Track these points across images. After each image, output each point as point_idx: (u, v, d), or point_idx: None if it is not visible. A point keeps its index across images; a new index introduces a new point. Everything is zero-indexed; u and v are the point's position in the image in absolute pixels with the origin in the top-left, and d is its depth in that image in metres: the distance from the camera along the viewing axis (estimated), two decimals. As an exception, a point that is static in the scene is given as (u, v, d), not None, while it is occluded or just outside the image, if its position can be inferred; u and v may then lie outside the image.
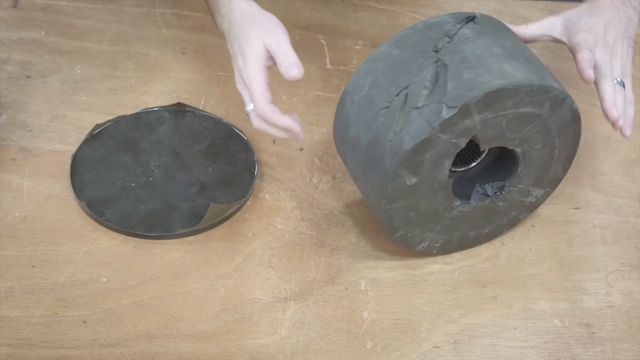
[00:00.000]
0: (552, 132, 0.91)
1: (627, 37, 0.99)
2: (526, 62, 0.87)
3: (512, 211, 0.97)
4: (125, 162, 1.03)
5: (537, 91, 0.86)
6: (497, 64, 0.86)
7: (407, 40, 0.90)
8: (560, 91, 0.87)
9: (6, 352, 0.87)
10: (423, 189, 0.90)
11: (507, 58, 0.87)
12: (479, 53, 0.86)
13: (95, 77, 1.15)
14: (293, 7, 1.26)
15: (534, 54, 0.91)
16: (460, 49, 0.87)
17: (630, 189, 1.06)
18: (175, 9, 1.25)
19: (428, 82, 0.86)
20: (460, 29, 0.89)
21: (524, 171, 0.93)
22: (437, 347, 0.90)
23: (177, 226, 0.98)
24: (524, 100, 0.86)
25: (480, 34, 0.89)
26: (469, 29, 0.89)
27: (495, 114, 0.86)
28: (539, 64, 0.90)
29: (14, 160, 1.04)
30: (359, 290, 0.95)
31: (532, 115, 0.88)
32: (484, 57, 0.86)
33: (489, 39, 0.88)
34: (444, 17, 0.91)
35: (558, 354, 0.90)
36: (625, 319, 0.93)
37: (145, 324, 0.90)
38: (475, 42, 0.88)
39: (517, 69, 0.86)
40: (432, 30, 0.90)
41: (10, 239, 0.96)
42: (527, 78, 0.85)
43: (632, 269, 0.98)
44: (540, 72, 0.88)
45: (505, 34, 0.91)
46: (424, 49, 0.88)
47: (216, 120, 1.09)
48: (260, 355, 0.89)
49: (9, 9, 1.23)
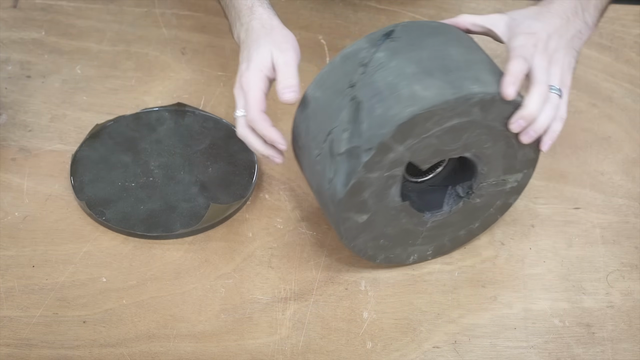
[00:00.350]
0: (495, 128, 0.87)
1: (572, 48, 0.92)
2: (443, 74, 0.83)
3: (496, 201, 0.95)
4: (125, 162, 1.03)
5: (456, 104, 0.82)
6: (408, 87, 0.82)
7: (326, 79, 0.88)
8: (484, 93, 0.83)
9: (6, 352, 0.87)
10: (380, 219, 0.90)
11: (420, 76, 0.83)
12: (390, 80, 0.83)
13: (95, 77, 1.15)
14: (293, 7, 1.26)
15: (462, 51, 0.87)
16: (373, 80, 0.84)
17: (630, 189, 1.06)
18: (175, 9, 1.25)
19: (347, 124, 0.84)
20: (375, 54, 0.86)
21: (486, 168, 0.90)
22: (437, 347, 0.90)
23: (177, 226, 0.98)
24: (445, 117, 0.83)
25: (395, 53, 0.85)
26: (383, 50, 0.86)
27: (419, 138, 0.83)
28: (462, 67, 0.85)
29: (14, 160, 1.04)
30: (359, 290, 0.95)
31: (463, 124, 0.84)
32: (395, 83, 0.83)
33: (404, 57, 0.85)
34: (360, 43, 0.88)
35: (558, 354, 0.90)
36: (625, 319, 0.93)
37: (145, 324, 0.90)
38: (388, 66, 0.84)
39: (429, 87, 0.82)
40: (348, 62, 0.87)
41: (10, 239, 0.96)
42: (439, 96, 0.81)
43: (632, 269, 0.98)
44: (459, 80, 0.83)
45: (425, 42, 0.87)
46: (341, 88, 0.86)
47: (216, 120, 1.09)
48: (260, 355, 0.89)
49: (9, 9, 1.23)
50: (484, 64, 0.87)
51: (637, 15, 1.28)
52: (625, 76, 1.19)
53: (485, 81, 0.84)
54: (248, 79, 0.89)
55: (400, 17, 1.26)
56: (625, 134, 1.12)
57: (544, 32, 0.90)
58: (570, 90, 0.92)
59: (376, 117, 0.82)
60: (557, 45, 0.90)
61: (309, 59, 1.19)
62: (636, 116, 1.14)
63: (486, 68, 0.86)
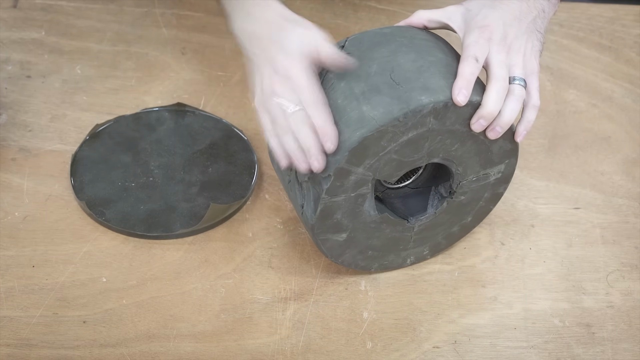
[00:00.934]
0: (457, 130, 0.84)
1: (535, 31, 0.87)
2: (390, 88, 0.81)
3: (483, 194, 0.93)
4: (125, 162, 1.03)
5: (406, 119, 0.80)
6: (356, 109, 0.81)
7: None
8: (434, 102, 0.80)
9: (6, 352, 0.87)
10: (361, 234, 0.90)
11: (368, 95, 0.81)
12: (340, 102, 0.82)
13: (95, 77, 1.15)
14: (293, 7, 1.25)
15: (412, 57, 0.83)
16: (329, 96, 0.83)
17: (630, 189, 1.06)
18: (175, 9, 1.25)
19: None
20: (327, 74, 0.84)
21: (461, 168, 0.88)
22: (437, 347, 0.90)
23: (177, 226, 0.98)
24: (398, 132, 0.81)
25: (343, 72, 0.83)
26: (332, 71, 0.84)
27: (376, 157, 0.82)
28: (410, 77, 0.82)
29: (14, 160, 1.04)
30: (359, 290, 0.95)
31: (420, 135, 0.82)
32: (344, 105, 0.81)
33: (352, 75, 0.82)
34: None
35: (558, 354, 0.90)
36: (625, 319, 0.93)
37: (145, 324, 0.90)
38: (338, 86, 0.83)
39: (377, 106, 0.80)
40: None
41: (10, 239, 0.96)
42: (387, 114, 0.79)
43: (632, 269, 0.98)
44: (407, 93, 0.80)
45: (374, 54, 0.84)
46: None
47: (216, 120, 1.09)
48: (260, 355, 0.89)
49: (9, 9, 1.23)
50: (436, 67, 0.83)
51: (637, 15, 1.28)
52: (625, 76, 1.19)
53: (435, 88, 0.81)
54: (293, 68, 0.82)
55: (400, 17, 1.25)
56: (625, 134, 1.12)
57: (500, 21, 0.85)
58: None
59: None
60: (517, 32, 0.86)
61: (309, 59, 1.19)
62: (636, 116, 1.14)
63: (438, 71, 0.83)
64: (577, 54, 1.22)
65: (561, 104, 1.15)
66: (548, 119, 1.13)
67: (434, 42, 0.87)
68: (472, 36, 0.85)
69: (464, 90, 0.81)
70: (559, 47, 1.23)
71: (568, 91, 1.17)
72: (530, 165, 1.07)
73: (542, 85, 1.18)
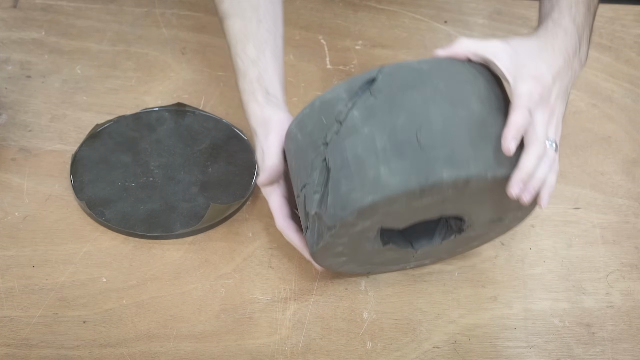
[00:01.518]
0: (477, 194, 0.81)
1: (567, 94, 0.87)
2: (414, 151, 0.77)
3: (495, 228, 0.90)
4: (125, 162, 1.03)
5: (422, 192, 0.77)
6: (374, 168, 0.77)
7: (306, 123, 0.84)
8: (455, 178, 0.76)
9: (6, 352, 0.87)
10: (363, 257, 0.90)
11: (388, 155, 0.77)
12: (359, 152, 0.78)
13: (95, 77, 1.15)
14: (293, 7, 1.26)
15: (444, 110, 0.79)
16: (344, 146, 0.79)
17: (630, 189, 1.06)
18: (175, 9, 1.25)
19: (317, 186, 0.82)
20: (351, 110, 0.80)
21: (474, 217, 0.86)
22: (437, 347, 0.90)
23: (177, 226, 0.98)
24: (413, 199, 0.78)
25: (370, 115, 0.79)
26: (359, 108, 0.80)
27: (386, 214, 0.80)
28: (437, 141, 0.77)
29: (14, 160, 1.04)
30: (359, 290, 0.95)
31: (435, 201, 0.80)
32: (363, 158, 0.78)
33: (377, 122, 0.78)
34: (339, 91, 0.81)
35: (558, 354, 0.90)
36: (625, 319, 0.93)
37: (145, 324, 0.90)
38: (360, 132, 0.79)
39: (395, 172, 0.77)
40: (325, 112, 0.81)
41: (10, 239, 0.96)
42: (403, 184, 0.76)
43: (632, 269, 0.98)
44: (430, 162, 0.76)
45: (406, 98, 0.79)
46: (316, 141, 0.82)
47: (216, 120, 1.09)
48: (260, 355, 0.89)
49: (9, 9, 1.23)
50: (468, 127, 0.78)
51: (637, 15, 1.28)
52: (625, 76, 1.19)
53: (460, 160, 0.77)
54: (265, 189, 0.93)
55: (400, 17, 1.26)
56: (625, 134, 1.12)
57: (550, 77, 0.83)
58: (573, 90, 0.89)
59: (340, 195, 0.79)
60: (558, 91, 0.85)
61: (309, 58, 1.19)
62: (636, 116, 1.14)
63: (468, 134, 0.78)
64: (577, 54, 1.22)
65: (561, 104, 1.15)
66: (548, 119, 1.13)
67: (473, 82, 0.82)
68: (526, 86, 0.82)
69: (514, 140, 0.79)
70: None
71: (568, 91, 1.17)
72: (530, 165, 1.07)
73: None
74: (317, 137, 0.82)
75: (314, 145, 0.82)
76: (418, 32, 1.24)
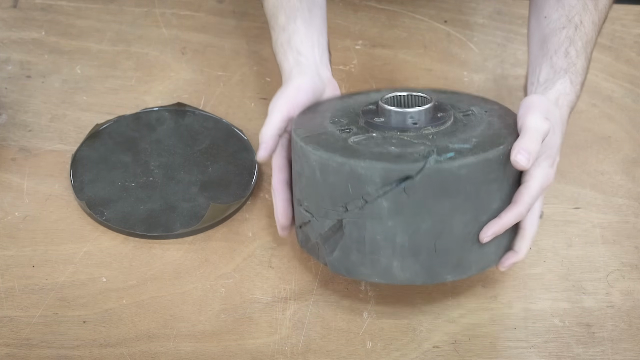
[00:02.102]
0: None
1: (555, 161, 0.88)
2: (428, 255, 0.82)
3: None
4: (125, 162, 1.03)
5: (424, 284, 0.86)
6: (388, 259, 0.82)
7: (329, 174, 0.82)
8: (456, 279, 0.84)
9: (6, 352, 0.87)
10: None
11: (404, 252, 0.81)
12: (378, 239, 0.81)
13: (95, 77, 1.15)
14: (293, 7, 1.26)
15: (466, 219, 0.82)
16: (364, 224, 0.81)
17: (630, 189, 1.06)
18: (175, 9, 1.25)
19: (328, 231, 0.85)
20: (379, 198, 0.80)
21: None
22: (437, 347, 0.90)
23: (177, 226, 0.98)
24: None
25: (398, 211, 0.80)
26: (389, 200, 0.80)
27: None
28: (452, 247, 0.82)
29: (14, 160, 1.04)
30: (359, 290, 0.95)
31: None
32: (380, 245, 0.82)
33: (403, 221, 0.80)
34: (373, 171, 0.79)
35: (558, 354, 0.90)
36: (625, 319, 0.93)
37: (145, 324, 0.90)
38: (385, 222, 0.80)
39: (406, 269, 0.82)
40: (354, 181, 0.80)
41: (10, 239, 0.96)
42: (409, 281, 0.84)
43: (632, 269, 0.98)
44: (439, 267, 0.83)
45: (436, 206, 0.80)
46: (336, 199, 0.82)
47: (216, 120, 1.09)
48: (260, 355, 0.89)
49: (9, 9, 1.23)
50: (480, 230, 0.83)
51: (637, 15, 1.28)
52: (625, 76, 1.19)
53: (466, 265, 0.84)
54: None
55: (400, 17, 1.26)
56: (625, 134, 1.12)
57: (555, 149, 0.86)
58: None
59: (349, 261, 0.85)
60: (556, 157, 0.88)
61: (309, 59, 1.19)
62: (636, 116, 1.14)
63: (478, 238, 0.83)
64: (577, 54, 1.22)
65: (561, 104, 1.15)
66: (548, 119, 1.13)
67: (502, 180, 0.83)
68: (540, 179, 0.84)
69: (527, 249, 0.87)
70: (559, 47, 1.23)
71: (568, 91, 1.17)
72: (530, 165, 1.07)
73: (542, 85, 1.18)
74: (338, 196, 0.82)
75: (332, 200, 0.83)
76: (418, 32, 1.24)
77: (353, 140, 0.83)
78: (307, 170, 0.84)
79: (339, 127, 0.87)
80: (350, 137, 0.84)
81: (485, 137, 0.83)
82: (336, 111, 0.90)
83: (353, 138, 0.84)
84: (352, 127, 0.86)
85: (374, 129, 0.85)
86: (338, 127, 0.87)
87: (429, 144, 0.81)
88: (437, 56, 1.21)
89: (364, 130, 0.85)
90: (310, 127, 0.87)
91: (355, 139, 0.83)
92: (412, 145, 0.81)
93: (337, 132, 0.86)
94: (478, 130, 0.84)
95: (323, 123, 0.88)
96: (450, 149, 0.80)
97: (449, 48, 1.22)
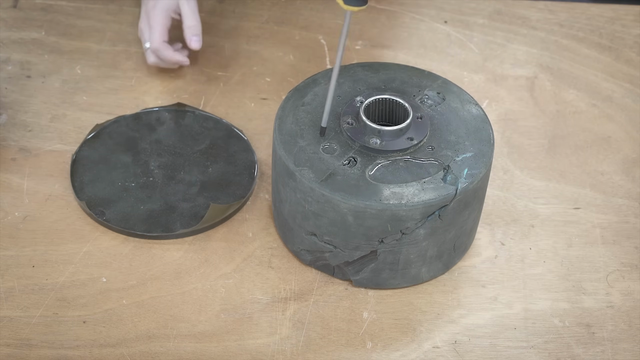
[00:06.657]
0: None
1: None
2: (449, 255, 0.93)
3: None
4: (125, 162, 1.03)
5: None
6: (418, 269, 0.92)
7: (366, 219, 0.86)
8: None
9: (6, 352, 0.87)
10: None
11: (432, 260, 0.92)
12: (411, 258, 0.90)
13: (95, 77, 1.15)
14: (293, 7, 1.26)
15: (475, 216, 0.93)
16: (400, 250, 0.89)
17: (630, 189, 1.06)
18: (175, 9, 1.24)
19: (357, 262, 0.91)
20: (417, 230, 0.88)
21: None
22: (437, 347, 0.90)
23: (177, 226, 0.98)
24: None
25: (432, 233, 0.88)
26: (426, 228, 0.88)
27: None
28: (463, 243, 0.94)
29: (14, 160, 1.04)
30: (359, 290, 0.95)
31: None
32: (412, 261, 0.91)
33: (436, 238, 0.89)
34: (415, 211, 0.86)
35: (558, 354, 0.90)
36: (625, 319, 0.93)
37: (145, 324, 0.90)
38: (419, 244, 0.89)
39: (431, 271, 0.93)
40: (394, 222, 0.86)
41: (10, 239, 0.96)
42: (433, 277, 0.94)
43: (632, 269, 0.98)
44: (455, 258, 0.95)
45: (460, 217, 0.89)
46: (372, 237, 0.88)
47: (216, 120, 1.09)
48: (260, 355, 0.89)
49: (9, 9, 1.23)
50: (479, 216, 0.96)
51: (637, 15, 1.28)
52: (625, 76, 1.19)
53: (468, 245, 0.97)
54: (155, 16, 1.08)
55: (400, 17, 1.26)
56: (625, 134, 1.12)
57: None
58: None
59: (379, 278, 0.92)
60: None
61: (308, 58, 1.19)
62: (636, 116, 1.14)
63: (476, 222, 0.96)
64: (577, 54, 1.22)
65: (561, 104, 1.15)
66: (548, 119, 1.13)
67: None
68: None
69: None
70: (559, 47, 1.23)
71: (568, 91, 1.17)
72: (530, 165, 1.08)
73: (542, 85, 1.18)
74: (374, 234, 0.87)
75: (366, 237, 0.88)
76: (418, 32, 1.24)
77: (370, 175, 0.87)
78: (332, 214, 0.87)
79: (338, 159, 0.89)
80: (365, 171, 0.87)
81: (470, 132, 0.92)
82: (313, 130, 0.91)
83: (367, 172, 0.88)
84: (353, 156, 0.89)
85: (374, 153, 0.89)
86: (340, 161, 0.88)
87: (439, 163, 0.89)
88: (437, 56, 1.21)
89: (365, 157, 0.89)
90: (310, 164, 0.88)
91: (371, 173, 0.87)
92: (425, 167, 0.88)
93: (344, 167, 0.88)
94: (454, 126, 0.93)
95: (318, 154, 0.89)
96: (458, 162, 0.89)
97: (449, 48, 1.22)
